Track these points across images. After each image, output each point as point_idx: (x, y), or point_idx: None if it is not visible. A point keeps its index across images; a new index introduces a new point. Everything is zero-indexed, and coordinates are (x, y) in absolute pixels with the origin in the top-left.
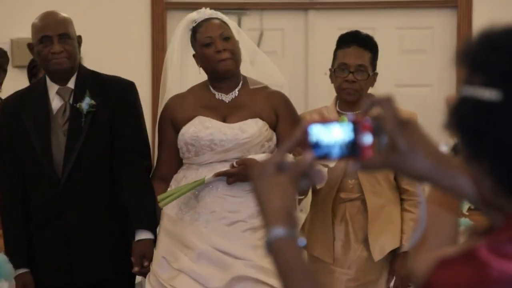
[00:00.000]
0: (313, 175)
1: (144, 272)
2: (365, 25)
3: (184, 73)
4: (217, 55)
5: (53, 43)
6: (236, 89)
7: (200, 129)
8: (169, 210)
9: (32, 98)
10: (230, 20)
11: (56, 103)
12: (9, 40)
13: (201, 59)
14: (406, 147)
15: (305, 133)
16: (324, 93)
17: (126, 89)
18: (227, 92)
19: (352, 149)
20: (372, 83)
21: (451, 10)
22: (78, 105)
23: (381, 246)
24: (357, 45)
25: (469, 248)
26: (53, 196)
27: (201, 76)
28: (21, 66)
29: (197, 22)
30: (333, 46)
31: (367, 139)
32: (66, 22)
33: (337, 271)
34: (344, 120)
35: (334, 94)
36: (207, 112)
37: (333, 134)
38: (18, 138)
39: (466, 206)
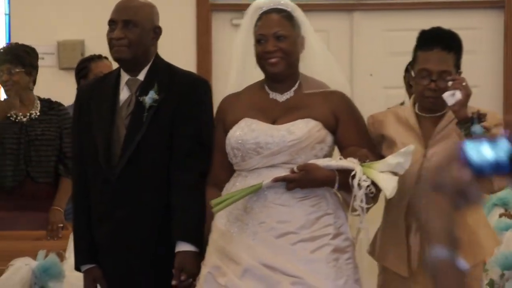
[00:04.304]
0: (471, 193)
1: (185, 286)
2: (410, 26)
3: (248, 65)
4: (266, 55)
5: (116, 28)
6: (292, 89)
7: (246, 132)
8: (218, 222)
9: (103, 87)
10: (300, 13)
11: (124, 94)
12: (55, 42)
13: (255, 54)
14: None
15: (460, 150)
16: (370, 95)
17: (194, 87)
18: (282, 91)
19: (508, 166)
20: None
21: (498, 11)
22: (141, 99)
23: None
24: (440, 48)
25: None
26: (106, 192)
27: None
28: (68, 68)
29: (262, 11)
30: (378, 47)
31: None
32: (136, 9)
33: (413, 287)
34: (498, 138)
35: (379, 95)
36: (255, 113)
37: (488, 150)
38: (83, 127)
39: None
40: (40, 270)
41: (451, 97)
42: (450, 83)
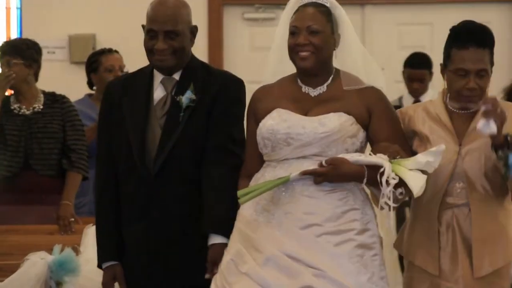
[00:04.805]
0: None
1: None
2: (422, 20)
3: (285, 58)
4: (297, 48)
5: (158, 39)
6: (325, 84)
7: (277, 122)
8: (244, 211)
9: (136, 85)
10: (340, 10)
11: (158, 93)
12: (67, 36)
13: (287, 46)
14: None
15: None
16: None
17: (228, 86)
18: (314, 86)
19: None
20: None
21: (509, 5)
22: (178, 98)
23: (490, 259)
24: (476, 45)
25: None
26: (141, 192)
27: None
28: (79, 62)
29: (300, 4)
30: (390, 41)
31: None
32: (176, 16)
33: (443, 285)
34: None
35: (393, 89)
36: (288, 104)
37: None
38: (115, 125)
39: None
40: (56, 265)
41: (486, 127)
42: (483, 107)
